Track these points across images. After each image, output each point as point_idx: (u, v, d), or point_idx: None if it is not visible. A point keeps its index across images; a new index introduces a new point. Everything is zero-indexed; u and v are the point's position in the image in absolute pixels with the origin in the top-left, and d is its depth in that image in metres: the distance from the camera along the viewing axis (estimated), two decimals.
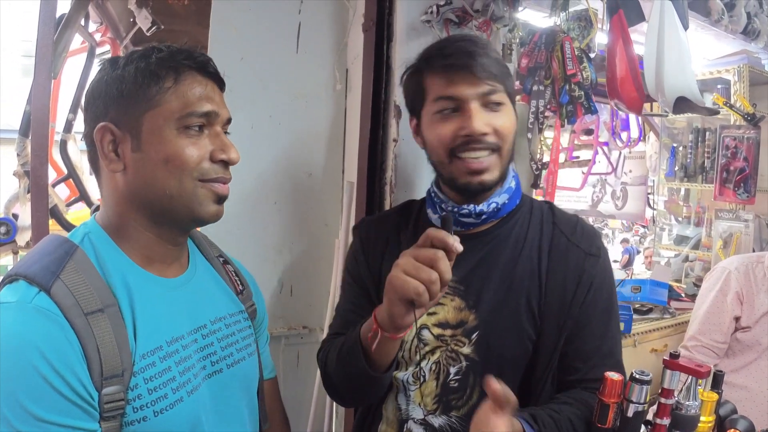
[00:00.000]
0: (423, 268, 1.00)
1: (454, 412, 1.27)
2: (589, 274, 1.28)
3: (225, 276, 1.20)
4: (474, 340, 1.25)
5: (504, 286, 1.27)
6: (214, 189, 1.01)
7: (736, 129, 3.13)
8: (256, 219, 1.90)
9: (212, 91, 1.02)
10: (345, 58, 2.04)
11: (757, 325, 2.21)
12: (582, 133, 2.86)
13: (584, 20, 2.17)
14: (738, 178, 3.06)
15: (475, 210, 1.26)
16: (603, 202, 3.33)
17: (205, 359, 1.05)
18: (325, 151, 2.02)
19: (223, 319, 1.12)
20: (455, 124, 1.21)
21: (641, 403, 1.09)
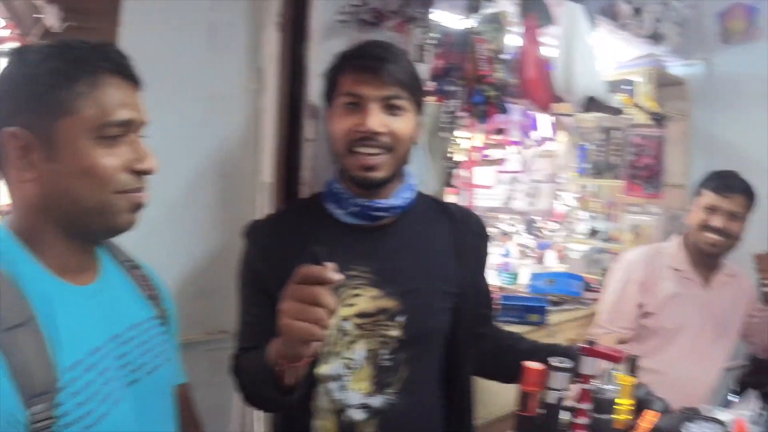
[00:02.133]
0: (307, 309, 0.99)
1: (389, 389, 1.36)
2: (484, 253, 1.56)
3: (136, 281, 1.16)
4: (401, 322, 1.35)
5: (418, 271, 1.40)
6: (132, 199, 0.96)
7: (643, 128, 3.28)
8: (170, 223, 1.84)
9: (131, 95, 0.96)
10: (259, 58, 2.01)
11: (660, 311, 2.32)
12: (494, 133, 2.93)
13: (497, 22, 2.23)
14: (645, 174, 3.21)
15: (389, 204, 1.38)
16: (515, 199, 3.43)
17: (124, 368, 1.01)
18: (239, 152, 1.98)
19: (138, 325, 1.08)
20: (354, 120, 1.31)
21: (561, 390, 1.13)
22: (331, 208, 1.42)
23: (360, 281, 1.36)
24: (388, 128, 1.31)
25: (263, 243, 1.41)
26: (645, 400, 1.35)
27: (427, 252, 1.44)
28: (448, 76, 2.02)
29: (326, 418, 1.37)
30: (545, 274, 3.05)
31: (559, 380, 1.14)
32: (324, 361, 1.35)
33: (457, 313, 1.43)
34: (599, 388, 1.17)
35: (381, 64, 1.30)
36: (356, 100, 1.32)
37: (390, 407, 1.35)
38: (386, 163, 1.33)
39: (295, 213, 1.49)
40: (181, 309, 1.93)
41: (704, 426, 1.20)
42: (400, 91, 1.32)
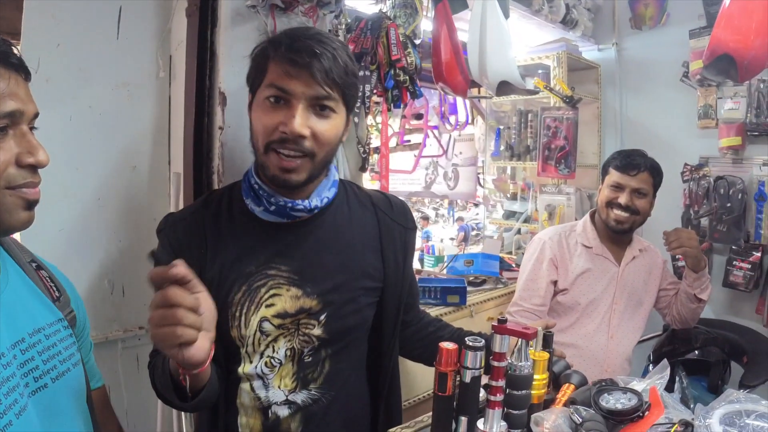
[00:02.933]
0: (166, 313, 0.94)
1: (311, 384, 1.36)
2: (410, 244, 1.51)
3: (39, 283, 1.10)
4: (322, 321, 1.33)
5: (340, 268, 1.36)
6: (23, 195, 0.92)
7: (556, 110, 3.37)
8: (79, 217, 1.79)
9: (16, 85, 0.91)
10: (168, 45, 1.96)
11: (573, 286, 2.41)
12: (412, 118, 2.95)
13: (410, 8, 2.24)
14: (559, 155, 3.31)
15: (309, 205, 1.31)
16: (436, 183, 3.46)
17: (27, 375, 0.96)
18: (149, 142, 1.94)
19: (42, 330, 1.03)
20: (278, 118, 1.22)
21: (477, 368, 1.14)
22: (248, 204, 1.34)
23: (279, 281, 1.32)
24: (312, 130, 1.22)
25: (176, 241, 1.34)
26: (563, 374, 1.38)
27: (349, 247, 1.39)
28: (360, 61, 2.02)
29: (251, 415, 1.36)
30: (464, 255, 3.10)
31: (473, 359, 1.16)
32: (246, 360, 1.34)
33: (380, 306, 1.43)
34: (513, 365, 1.19)
35: (314, 60, 1.19)
36: (282, 95, 1.22)
37: (313, 402, 1.35)
38: (305, 167, 1.25)
39: (210, 208, 1.39)
40: (97, 307, 1.89)
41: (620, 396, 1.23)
42: (332, 92, 1.22)
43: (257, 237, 1.34)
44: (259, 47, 1.30)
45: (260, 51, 1.29)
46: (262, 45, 1.30)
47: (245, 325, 1.31)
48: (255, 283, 1.31)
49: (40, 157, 0.93)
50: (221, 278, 1.31)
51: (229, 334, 1.32)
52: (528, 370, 1.19)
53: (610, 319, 2.40)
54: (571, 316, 2.42)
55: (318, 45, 1.21)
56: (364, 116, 2.01)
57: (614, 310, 2.41)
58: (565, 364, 1.42)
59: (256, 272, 1.32)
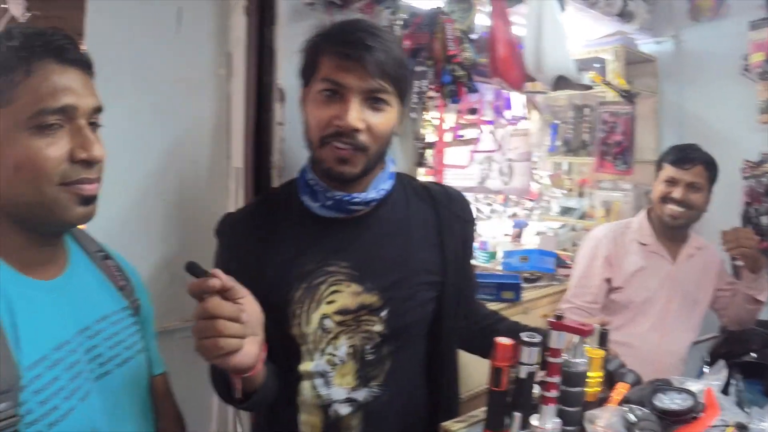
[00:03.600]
0: (206, 325, 0.93)
1: (373, 381, 1.34)
2: (469, 237, 1.51)
3: (106, 272, 1.14)
4: (384, 317, 1.32)
5: (399, 263, 1.35)
6: (79, 191, 0.93)
7: (613, 105, 3.31)
8: (142, 211, 1.83)
9: (73, 80, 0.92)
10: (227, 42, 1.99)
11: (628, 284, 2.37)
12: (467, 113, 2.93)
13: (465, 2, 2.23)
14: (616, 151, 3.25)
15: (367, 197, 1.31)
16: (490, 178, 3.44)
17: (93, 361, 1.00)
18: (209, 137, 1.97)
19: (107, 317, 1.07)
20: (333, 111, 1.22)
21: (532, 364, 1.14)
22: (305, 201, 1.34)
23: (339, 277, 1.32)
24: (367, 123, 1.22)
25: (235, 242, 1.37)
26: (617, 373, 1.37)
27: (407, 241, 1.38)
28: (417, 56, 2.02)
29: (312, 412, 1.36)
30: (519, 252, 3.08)
31: (529, 355, 1.15)
32: (307, 358, 1.35)
33: (440, 301, 1.40)
34: (568, 362, 1.18)
35: (367, 53, 1.19)
36: (336, 89, 1.22)
37: (375, 400, 1.35)
38: (360, 160, 1.25)
39: (268, 206, 1.42)
40: (156, 297, 1.93)
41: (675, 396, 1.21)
42: (385, 84, 1.22)
43: (315, 234, 1.34)
44: (311, 40, 1.30)
45: (312, 44, 1.29)
46: (313, 38, 1.30)
47: (306, 323, 1.32)
48: (315, 281, 1.32)
49: (94, 152, 0.93)
50: (281, 276, 1.32)
51: (290, 333, 1.33)
52: (583, 367, 1.19)
53: (664, 318, 2.35)
54: (625, 315, 2.37)
55: (370, 37, 1.21)
56: (420, 111, 2.01)
57: (669, 309, 2.36)
58: (619, 363, 1.40)
59: (316, 269, 1.32)
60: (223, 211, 2.00)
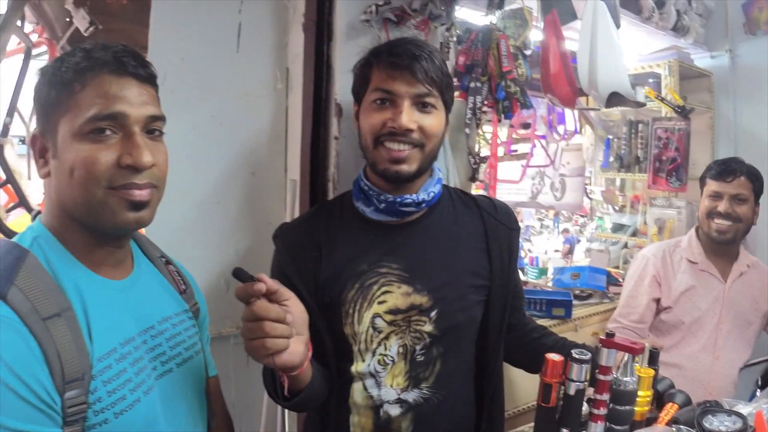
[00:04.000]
0: (254, 327, 1.00)
1: (423, 383, 1.39)
2: (514, 245, 1.54)
3: (168, 276, 1.20)
4: (433, 318, 1.37)
5: (448, 265, 1.41)
6: (127, 196, 0.96)
7: (668, 121, 3.26)
8: (200, 219, 1.90)
9: (127, 89, 0.97)
10: (285, 57, 2.05)
11: (677, 304, 2.33)
12: (520, 127, 2.93)
13: (519, 18, 2.24)
14: (670, 168, 3.19)
15: (417, 199, 1.38)
16: (542, 193, 3.41)
17: (155, 359, 1.05)
18: (267, 149, 2.03)
19: (169, 318, 1.12)
20: (386, 116, 1.32)
21: (581, 381, 1.14)
22: (359, 206, 1.43)
23: (391, 278, 1.37)
24: (419, 124, 1.31)
25: (291, 246, 1.43)
26: (667, 393, 1.35)
27: (456, 246, 1.43)
28: (471, 72, 2.04)
29: (363, 414, 1.40)
30: (570, 268, 3.05)
31: (579, 371, 1.15)
32: (359, 359, 1.39)
33: (487, 306, 1.45)
34: (618, 380, 1.18)
35: (414, 62, 1.30)
36: (388, 97, 1.32)
37: (425, 402, 1.38)
38: (415, 157, 1.33)
39: (323, 214, 1.49)
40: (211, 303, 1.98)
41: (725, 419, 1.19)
42: (432, 89, 1.32)
43: (368, 237, 1.41)
44: (362, 59, 1.41)
45: (363, 62, 1.40)
46: (364, 57, 1.41)
47: (358, 322, 1.37)
48: (367, 281, 1.37)
49: (142, 158, 0.96)
50: (335, 278, 1.38)
51: (342, 332, 1.38)
52: (633, 386, 1.18)
53: (715, 339, 2.31)
54: (674, 335, 2.34)
55: (415, 48, 1.33)
56: (475, 127, 2.02)
57: (720, 329, 2.31)
58: (669, 383, 1.39)
59: (368, 270, 1.38)
60: (279, 222, 2.05)
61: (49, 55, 3.38)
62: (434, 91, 1.33)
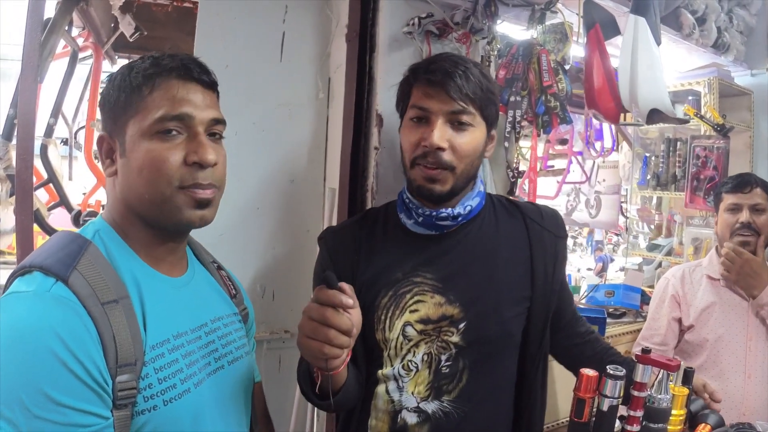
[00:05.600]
0: (319, 329, 1.00)
1: (445, 396, 1.37)
2: (561, 254, 1.51)
3: (220, 280, 1.24)
4: (462, 329, 1.36)
5: (485, 278, 1.40)
6: (193, 195, 1.01)
7: (707, 139, 3.22)
8: (239, 225, 1.92)
9: (192, 93, 1.02)
10: (328, 68, 2.08)
11: (698, 322, 2.31)
12: (557, 143, 2.91)
13: (560, 33, 2.24)
14: (708, 186, 3.15)
15: (452, 213, 1.38)
16: (577, 210, 3.38)
17: (208, 356, 1.08)
18: (307, 158, 2.05)
19: (221, 318, 1.16)
20: (420, 134, 1.33)
21: (615, 397, 1.14)
22: (402, 218, 1.44)
23: (424, 287, 1.38)
24: (451, 144, 1.32)
25: (333, 249, 1.46)
26: (700, 414, 1.34)
27: (494, 258, 1.42)
28: (511, 86, 2.04)
29: (381, 418, 1.41)
30: (605, 286, 3.02)
31: (612, 388, 1.15)
32: (388, 364, 1.40)
33: (528, 319, 1.43)
34: (652, 396, 1.17)
35: (448, 79, 1.30)
36: (423, 114, 1.34)
37: (444, 415, 1.37)
38: (448, 179, 1.34)
39: (367, 222, 1.51)
40: None
41: None
42: (466, 107, 1.31)
43: (407, 247, 1.42)
44: (404, 77, 1.42)
45: (404, 79, 1.42)
46: (405, 74, 1.42)
47: (389, 329, 1.38)
48: (401, 289, 1.39)
49: (205, 156, 1.00)
50: (371, 283, 1.40)
51: (374, 337, 1.40)
52: (667, 404, 1.18)
53: (745, 357, 2.25)
54: (700, 355, 2.30)
55: (451, 65, 1.32)
56: (514, 141, 2.03)
57: (749, 347, 2.26)
58: (702, 403, 1.39)
59: (403, 279, 1.39)
60: (317, 231, 2.07)
61: (94, 60, 3.46)
62: (470, 108, 1.32)
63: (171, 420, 0.96)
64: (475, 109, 1.33)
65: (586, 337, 1.59)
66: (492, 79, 1.40)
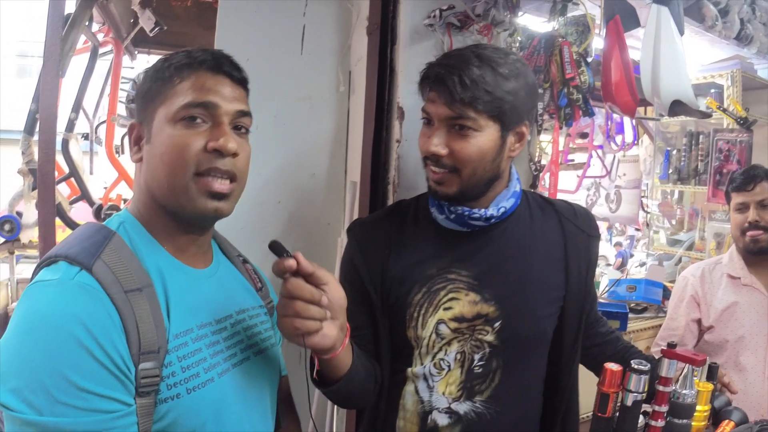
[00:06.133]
0: (287, 304, 0.98)
1: (477, 396, 1.35)
2: (594, 254, 1.48)
3: (245, 274, 1.24)
4: (497, 328, 1.34)
5: (520, 276, 1.37)
6: (207, 185, 1.00)
7: (729, 132, 3.19)
8: (260, 218, 1.93)
9: (221, 85, 1.03)
10: (348, 61, 2.07)
11: (719, 323, 2.28)
12: (577, 137, 2.89)
13: (582, 25, 2.22)
14: None
15: (485, 214, 1.34)
16: (597, 205, 3.36)
17: (234, 346, 1.08)
18: (328, 151, 2.05)
19: (246, 311, 1.16)
20: (425, 137, 1.31)
21: (639, 392, 1.13)
22: (433, 212, 1.40)
23: (459, 285, 1.35)
24: (450, 149, 1.27)
25: (363, 241, 1.42)
26: (723, 410, 1.33)
27: (530, 257, 1.38)
28: None
29: (410, 419, 1.38)
30: (626, 281, 3.00)
31: (637, 383, 1.14)
32: (418, 363, 1.37)
33: (561, 318, 1.40)
34: (677, 392, 1.16)
35: (441, 85, 1.25)
36: (428, 117, 1.31)
37: (477, 416, 1.34)
38: (453, 181, 1.29)
39: (397, 215, 1.47)
40: None
41: None
42: (466, 111, 1.24)
43: (440, 243, 1.39)
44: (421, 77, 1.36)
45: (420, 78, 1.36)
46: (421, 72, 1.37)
47: (422, 326, 1.35)
48: (435, 286, 1.35)
49: (226, 144, 0.99)
50: (402, 279, 1.37)
51: (405, 334, 1.36)
52: (692, 399, 1.16)
53: (765, 356, 2.23)
54: (720, 356, 2.27)
55: (447, 70, 1.25)
56: (536, 134, 2.01)
57: None
58: (726, 400, 1.38)
59: (437, 275, 1.36)
60: (338, 224, 2.08)
61: (115, 55, 3.49)
62: (468, 112, 1.24)
63: (194, 409, 0.96)
64: (476, 113, 1.24)
65: (607, 337, 1.58)
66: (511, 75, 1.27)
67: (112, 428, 0.86)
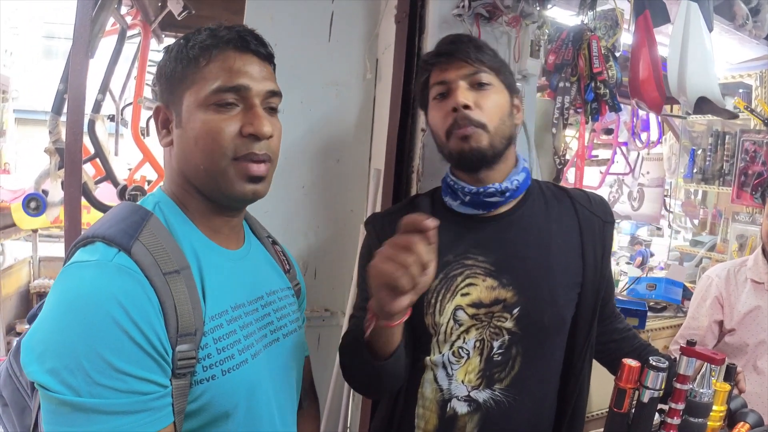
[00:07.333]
0: (400, 252, 0.95)
1: (497, 384, 1.34)
2: (608, 240, 1.47)
3: (274, 255, 1.25)
4: (515, 315, 1.33)
5: (538, 262, 1.36)
6: (246, 169, 1.00)
7: (756, 134, 3.15)
8: (285, 202, 1.95)
9: (249, 65, 1.01)
10: (376, 48, 2.08)
11: (741, 326, 2.27)
12: (602, 133, 2.87)
13: (611, 20, 2.21)
14: (756, 182, 3.09)
15: (500, 187, 1.36)
16: (619, 202, 3.33)
17: (264, 328, 1.09)
18: (353, 138, 2.06)
19: (276, 292, 1.17)
20: (448, 105, 1.33)
21: (657, 389, 1.13)
22: (447, 201, 1.42)
23: (476, 270, 1.35)
24: (476, 102, 1.32)
25: (381, 230, 1.43)
26: (739, 412, 1.32)
27: (547, 242, 1.38)
28: (561, 72, 2.02)
29: (428, 407, 1.38)
30: (647, 279, 2.99)
31: (654, 379, 1.13)
32: (436, 350, 1.37)
33: (578, 305, 1.39)
34: (695, 390, 1.16)
35: (456, 46, 1.34)
36: (444, 88, 1.35)
37: (496, 404, 1.34)
38: (481, 135, 1.31)
39: (414, 206, 1.48)
40: None
41: None
42: (481, 67, 1.33)
43: (456, 230, 1.39)
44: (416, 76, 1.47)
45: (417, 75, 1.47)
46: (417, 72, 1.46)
47: (440, 312, 1.35)
48: (452, 272, 1.36)
49: (261, 128, 0.99)
50: None
51: (424, 321, 1.37)
52: (709, 399, 1.16)
53: None
54: (740, 359, 2.27)
55: (454, 38, 1.39)
56: (562, 128, 2.00)
57: None
58: (742, 402, 1.36)
59: (454, 261, 1.36)
60: (361, 211, 2.09)
61: (142, 38, 3.52)
62: (484, 68, 1.33)
63: (228, 390, 0.97)
64: (489, 71, 1.34)
65: (624, 333, 1.57)
66: None
67: (148, 409, 0.86)
